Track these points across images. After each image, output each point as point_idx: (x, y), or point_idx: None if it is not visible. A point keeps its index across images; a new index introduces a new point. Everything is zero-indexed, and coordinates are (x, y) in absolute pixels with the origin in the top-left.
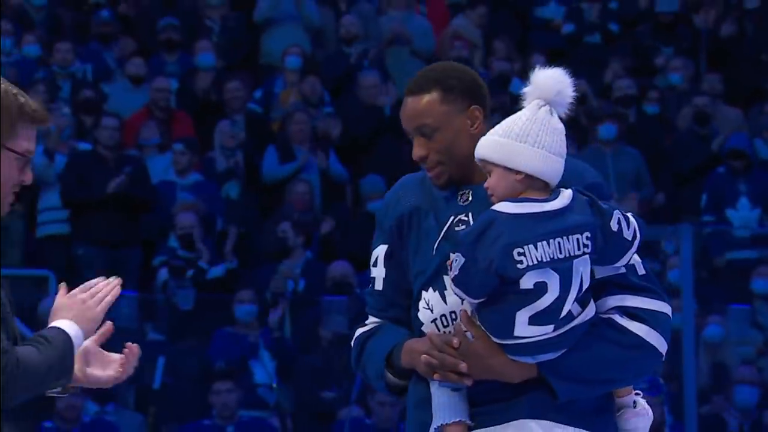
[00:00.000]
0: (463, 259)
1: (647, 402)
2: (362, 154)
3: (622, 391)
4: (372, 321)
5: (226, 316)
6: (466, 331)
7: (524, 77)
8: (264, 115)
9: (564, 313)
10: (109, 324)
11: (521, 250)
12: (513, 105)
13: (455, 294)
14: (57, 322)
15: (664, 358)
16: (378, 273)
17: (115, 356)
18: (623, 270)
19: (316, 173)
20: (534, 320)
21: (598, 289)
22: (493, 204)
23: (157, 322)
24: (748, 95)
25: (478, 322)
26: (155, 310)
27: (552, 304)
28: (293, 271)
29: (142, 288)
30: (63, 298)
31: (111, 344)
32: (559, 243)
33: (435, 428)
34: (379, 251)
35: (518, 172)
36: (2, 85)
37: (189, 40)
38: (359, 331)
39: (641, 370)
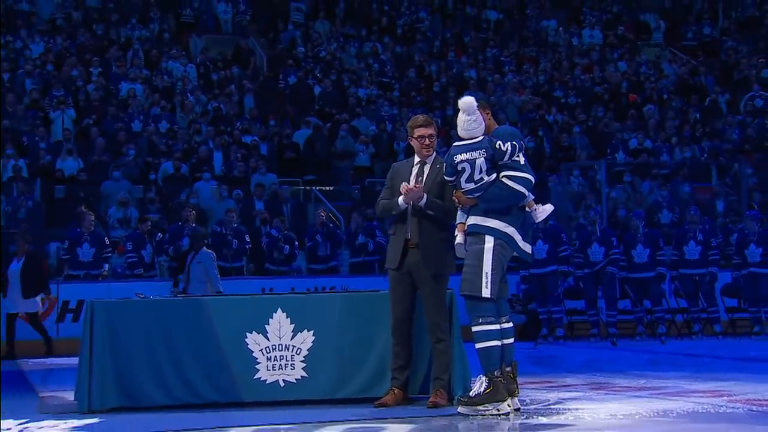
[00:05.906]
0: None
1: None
2: None
3: (528, 205)
4: None
5: None
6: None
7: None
8: None
9: (476, 178)
10: None
11: (456, 156)
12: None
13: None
14: None
15: (526, 196)
16: None
17: None
18: (510, 162)
19: None
20: (466, 181)
21: (501, 168)
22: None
23: None
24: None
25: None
26: None
27: (467, 176)
28: None
29: None
30: None
31: None
32: (470, 153)
33: None
34: None
35: (461, 137)
36: (420, 115)
37: None
38: None
39: (516, 199)
